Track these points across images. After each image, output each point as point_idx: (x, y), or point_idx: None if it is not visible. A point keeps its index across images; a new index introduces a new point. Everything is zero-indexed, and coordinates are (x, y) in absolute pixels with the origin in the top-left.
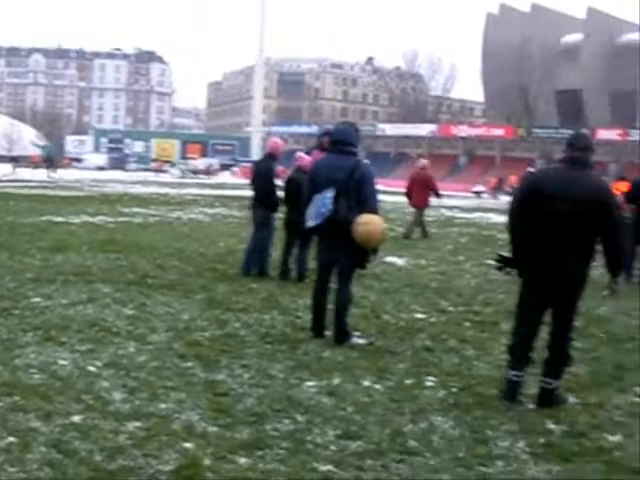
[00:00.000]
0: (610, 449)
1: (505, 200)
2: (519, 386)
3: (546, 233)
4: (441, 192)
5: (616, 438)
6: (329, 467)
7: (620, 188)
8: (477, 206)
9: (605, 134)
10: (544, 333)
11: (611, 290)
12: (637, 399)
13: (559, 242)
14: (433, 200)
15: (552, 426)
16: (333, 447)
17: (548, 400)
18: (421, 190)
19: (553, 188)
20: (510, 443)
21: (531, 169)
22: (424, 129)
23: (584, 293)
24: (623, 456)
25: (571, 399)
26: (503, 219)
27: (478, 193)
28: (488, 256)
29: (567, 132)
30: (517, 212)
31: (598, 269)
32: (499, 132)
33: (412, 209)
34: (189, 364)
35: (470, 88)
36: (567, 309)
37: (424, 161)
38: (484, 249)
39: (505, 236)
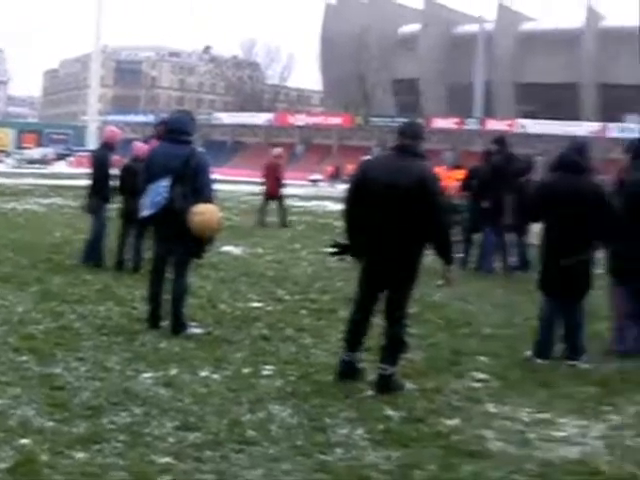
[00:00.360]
0: (448, 433)
1: (342, 188)
2: (352, 366)
3: (375, 220)
4: (284, 182)
5: (453, 422)
6: (168, 459)
7: (455, 176)
8: (314, 194)
9: (441, 123)
10: (382, 320)
11: (446, 279)
12: (474, 384)
13: (387, 229)
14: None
15: (390, 412)
16: (171, 439)
17: (385, 386)
18: (272, 179)
19: (374, 174)
20: (349, 430)
21: (366, 157)
22: (261, 118)
23: (418, 280)
24: (460, 440)
25: (409, 385)
26: (339, 207)
27: (315, 181)
28: (325, 244)
29: (404, 121)
30: (350, 199)
31: (431, 256)
32: (336, 120)
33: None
34: (24, 358)
35: (308, 77)
36: (399, 295)
37: (278, 150)
38: (321, 237)
39: (342, 224)
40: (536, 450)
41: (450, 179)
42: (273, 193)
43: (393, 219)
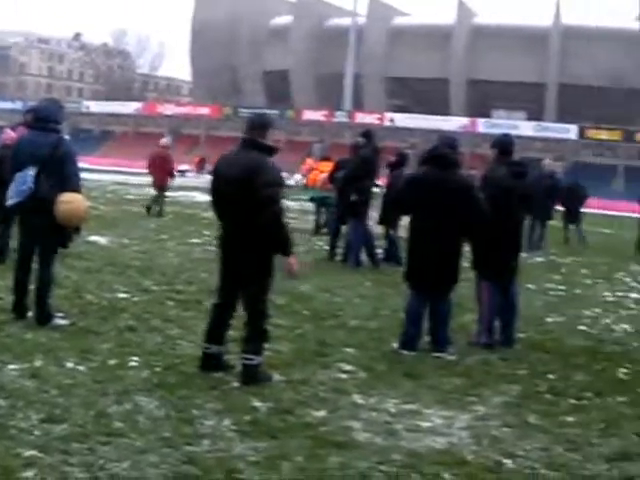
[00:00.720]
0: (315, 425)
1: (208, 179)
2: (215, 357)
3: (224, 213)
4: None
5: (320, 414)
6: (33, 452)
7: (323, 168)
8: (181, 185)
9: (311, 115)
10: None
11: (287, 272)
12: (340, 375)
13: (230, 220)
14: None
15: (257, 403)
16: (37, 431)
17: (251, 377)
18: (160, 169)
19: (220, 168)
20: (216, 422)
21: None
22: (130, 107)
23: (273, 271)
24: (327, 431)
25: (276, 376)
26: (207, 198)
27: (183, 172)
28: (192, 235)
29: (273, 112)
30: (211, 193)
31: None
32: (205, 111)
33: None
34: None
35: (178, 67)
36: (255, 287)
37: (165, 140)
38: (188, 228)
39: (208, 214)
40: (402, 440)
41: (318, 171)
42: (163, 183)
43: (236, 212)
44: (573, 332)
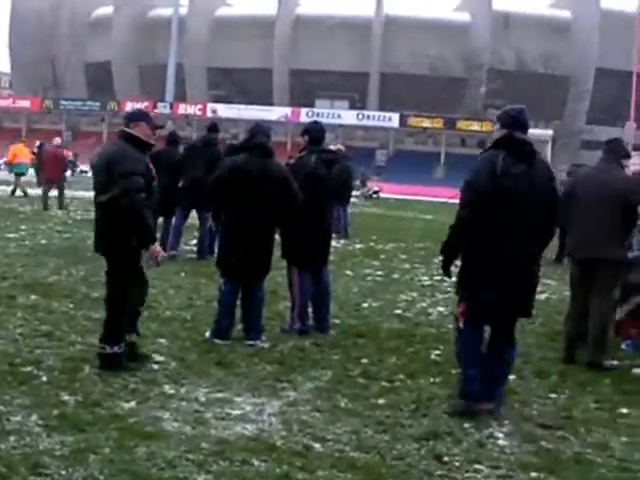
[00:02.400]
0: (124, 416)
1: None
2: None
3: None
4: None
5: (130, 405)
6: None
7: None
8: (3, 179)
9: (133, 106)
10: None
11: (150, 260)
12: (152, 366)
13: (97, 212)
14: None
15: (66, 397)
16: None
17: (104, 364)
18: (54, 165)
19: (94, 159)
20: (23, 417)
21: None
22: None
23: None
24: (136, 422)
25: (86, 369)
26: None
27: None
28: (8, 229)
29: (95, 104)
30: None
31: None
32: (25, 104)
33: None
34: None
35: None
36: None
37: (59, 140)
38: (4, 222)
39: (25, 209)
40: (212, 429)
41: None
42: (57, 178)
43: (100, 205)
44: (389, 316)
